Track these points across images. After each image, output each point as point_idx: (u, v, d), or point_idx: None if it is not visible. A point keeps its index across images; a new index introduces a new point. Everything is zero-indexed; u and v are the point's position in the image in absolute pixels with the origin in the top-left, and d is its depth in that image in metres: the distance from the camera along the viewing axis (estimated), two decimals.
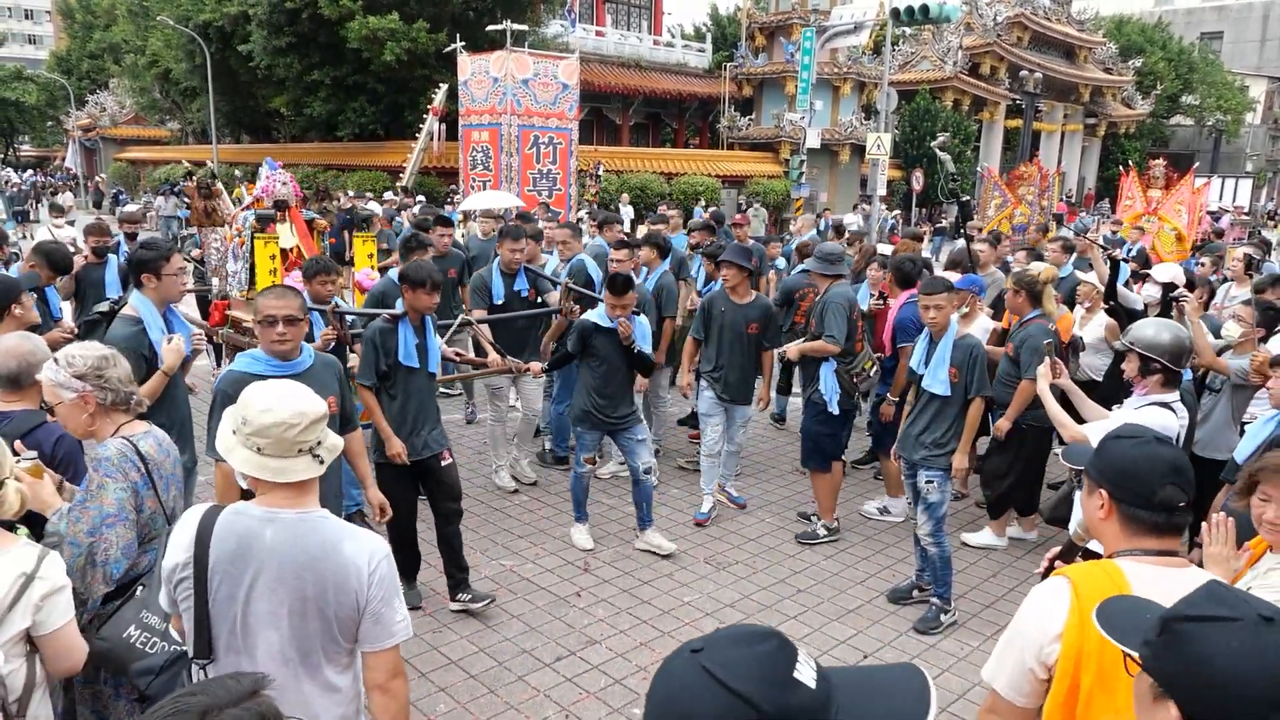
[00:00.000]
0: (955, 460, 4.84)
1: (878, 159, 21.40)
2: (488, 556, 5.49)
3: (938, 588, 4.87)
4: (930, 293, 4.86)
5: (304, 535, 2.08)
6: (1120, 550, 1.92)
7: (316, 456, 2.12)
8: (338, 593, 2.07)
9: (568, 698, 4.07)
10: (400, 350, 4.57)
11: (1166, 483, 1.87)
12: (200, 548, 2.06)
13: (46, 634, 2.19)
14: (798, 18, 27.76)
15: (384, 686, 2.17)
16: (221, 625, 2.09)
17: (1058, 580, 1.90)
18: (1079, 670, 1.77)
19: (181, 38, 26.92)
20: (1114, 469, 1.93)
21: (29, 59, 64.96)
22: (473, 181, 19.35)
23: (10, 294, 3.93)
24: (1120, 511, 1.91)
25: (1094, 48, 38.73)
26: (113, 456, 2.62)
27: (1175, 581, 1.80)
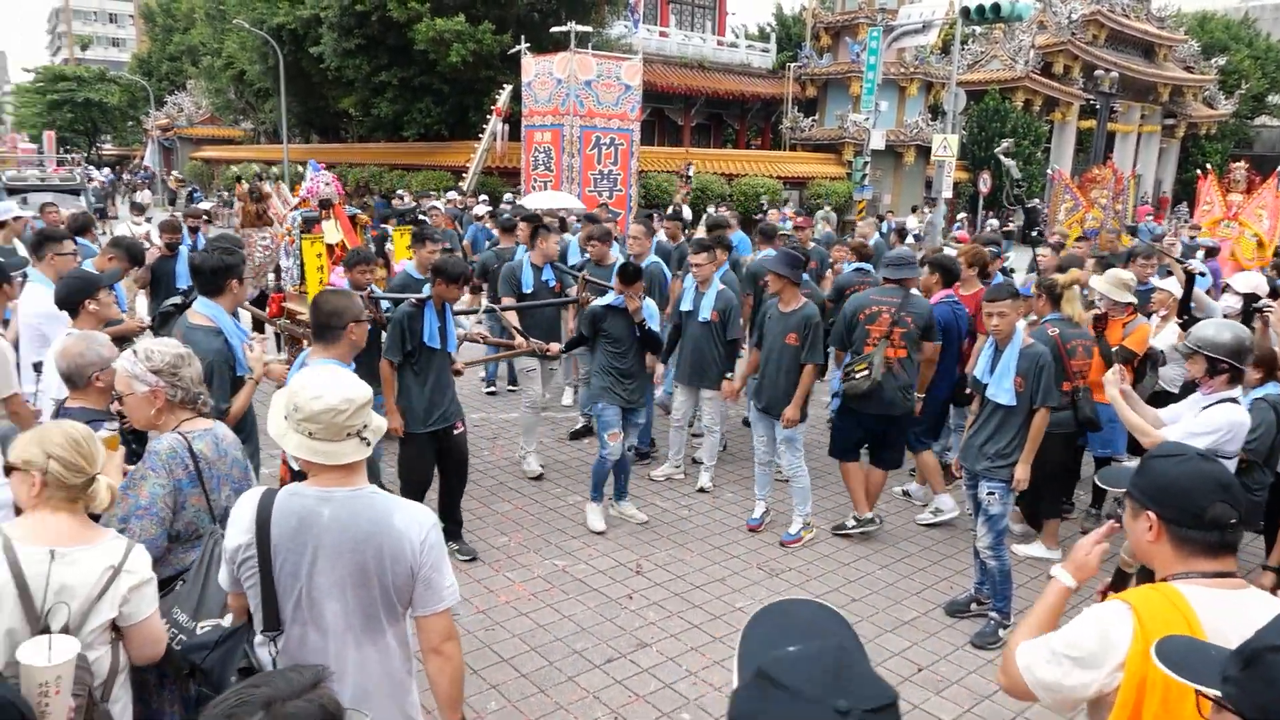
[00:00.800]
0: (1018, 471, 4.72)
1: (944, 161, 21.00)
2: (540, 556, 5.52)
3: (997, 601, 4.75)
4: (993, 299, 4.74)
5: (358, 511, 2.19)
6: (1175, 574, 1.85)
7: (364, 439, 2.22)
8: (394, 562, 2.19)
9: (617, 700, 4.07)
10: (425, 332, 5.12)
11: (1216, 500, 1.80)
12: (261, 528, 2.18)
13: (132, 625, 2.28)
14: (864, 17, 27.39)
15: (438, 649, 2.30)
16: (287, 599, 2.22)
17: (1118, 605, 1.82)
18: (1142, 700, 1.72)
19: (256, 40, 27.69)
20: (1160, 489, 1.86)
21: (112, 61, 67.67)
22: (534, 182, 19.51)
23: (86, 290, 4.02)
24: (1170, 533, 1.84)
25: (1175, 45, 37.39)
26: (161, 451, 2.69)
27: (1240, 604, 1.74)
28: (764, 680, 1.11)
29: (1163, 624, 1.71)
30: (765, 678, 1.11)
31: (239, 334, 4.18)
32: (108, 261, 6.03)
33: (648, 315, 5.80)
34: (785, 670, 1.10)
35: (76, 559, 2.19)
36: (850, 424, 5.90)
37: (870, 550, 5.78)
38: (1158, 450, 1.96)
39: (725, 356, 6.53)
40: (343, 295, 3.69)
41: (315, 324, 3.63)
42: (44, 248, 5.17)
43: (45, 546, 2.18)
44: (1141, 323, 5.85)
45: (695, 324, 6.51)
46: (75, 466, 2.23)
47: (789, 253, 5.87)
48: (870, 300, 5.78)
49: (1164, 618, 1.73)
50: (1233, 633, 1.69)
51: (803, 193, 27.09)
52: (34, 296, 4.78)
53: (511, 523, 6.01)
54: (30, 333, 4.65)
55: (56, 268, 5.05)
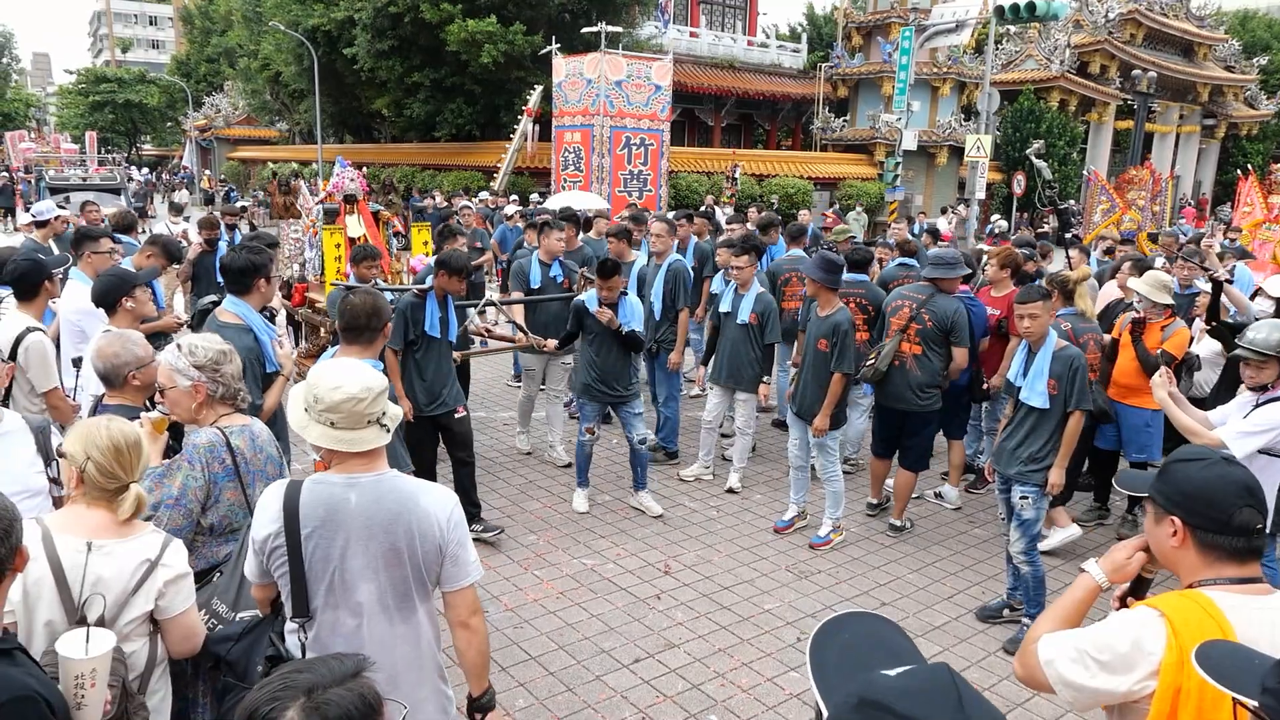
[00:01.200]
0: (1052, 475, 4.66)
1: (977, 161, 20.78)
2: (569, 555, 5.53)
3: (1030, 607, 4.69)
4: (1024, 301, 4.69)
5: (385, 494, 2.27)
6: (1203, 580, 1.82)
7: (383, 425, 2.30)
8: (423, 540, 2.28)
9: (645, 700, 4.07)
10: (426, 321, 5.37)
11: (1243, 505, 1.77)
12: (290, 518, 2.24)
13: (169, 618, 2.32)
14: (896, 16, 27.18)
15: (465, 622, 2.39)
16: (319, 585, 2.27)
17: (1150, 612, 1.79)
18: (1177, 708, 1.69)
19: (291, 42, 28.03)
20: (1185, 494, 1.83)
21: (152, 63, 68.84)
22: (564, 182, 19.58)
23: (124, 287, 4.07)
24: (1196, 539, 1.81)
25: (1215, 45, 36.71)
26: (200, 445, 2.73)
27: (1272, 611, 1.73)
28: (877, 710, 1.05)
29: (1197, 631, 1.68)
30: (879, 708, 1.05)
31: (268, 331, 4.24)
32: (146, 259, 6.14)
33: (629, 315, 5.95)
34: (902, 699, 1.05)
35: (113, 551, 2.23)
36: (880, 418, 6.18)
37: (901, 554, 5.74)
38: (1181, 454, 1.92)
39: (762, 359, 6.54)
40: (375, 295, 3.70)
41: (349, 325, 3.58)
42: (83, 245, 5.27)
43: (83, 538, 2.22)
44: (1180, 326, 5.75)
45: (733, 326, 6.52)
46: (109, 473, 2.26)
47: (826, 256, 5.76)
48: (898, 294, 6.00)
49: (1198, 625, 1.70)
50: (1265, 640, 1.67)
51: (834, 193, 26.93)
52: (73, 293, 4.88)
53: (541, 521, 6.04)
54: (69, 329, 4.75)
55: (95, 265, 5.14)
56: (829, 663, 1.23)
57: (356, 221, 7.59)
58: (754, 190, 24.24)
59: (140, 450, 2.33)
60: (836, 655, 1.24)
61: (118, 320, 4.04)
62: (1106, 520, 6.35)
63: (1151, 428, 5.96)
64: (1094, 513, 6.37)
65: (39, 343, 3.96)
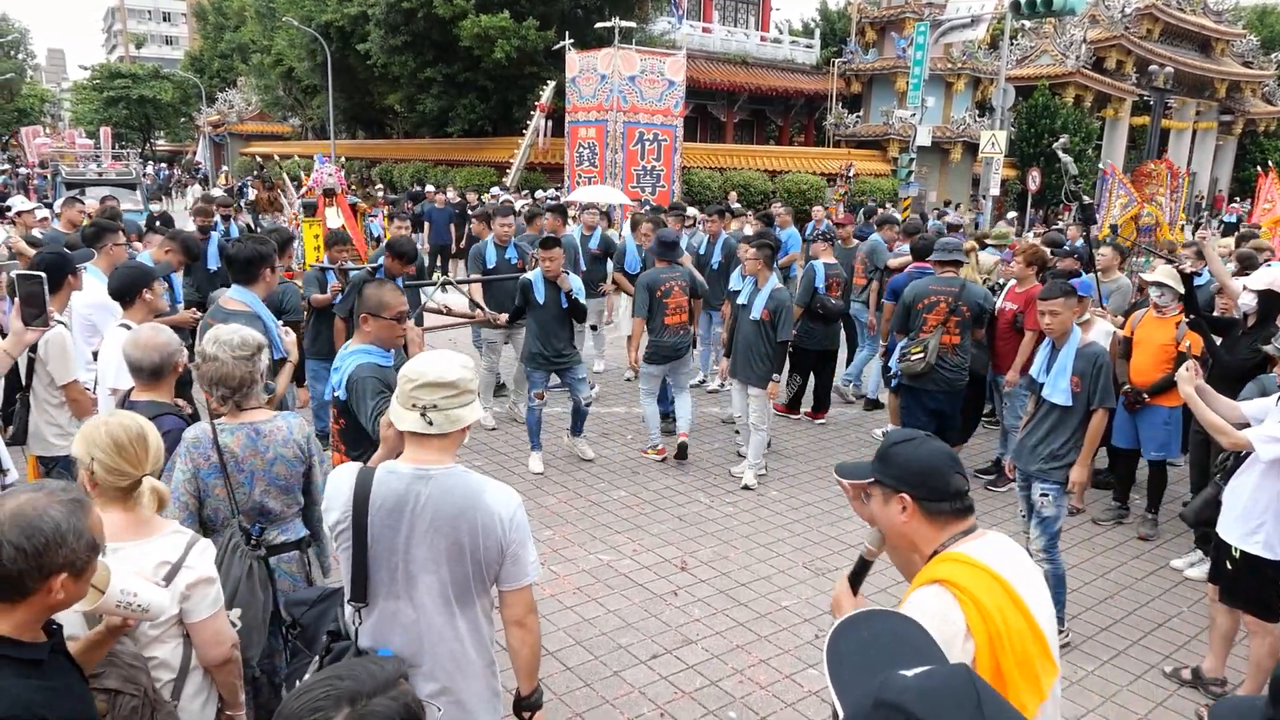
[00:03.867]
0: (1074, 473, 4.60)
1: (992, 158, 20.66)
2: (586, 551, 5.52)
3: None
4: (1046, 298, 4.65)
5: (453, 488, 2.29)
6: (942, 543, 1.95)
7: (426, 417, 2.27)
8: (485, 537, 2.28)
9: (663, 696, 4.06)
10: None
11: (954, 471, 1.95)
12: (359, 505, 2.27)
13: (193, 622, 2.26)
14: (911, 12, 27.05)
15: (521, 621, 2.39)
16: (381, 573, 2.31)
17: (930, 588, 1.86)
18: (998, 657, 1.79)
19: (304, 37, 28.11)
20: (911, 471, 1.96)
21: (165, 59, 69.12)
22: (578, 178, 19.56)
23: (143, 280, 4.05)
24: (924, 510, 1.95)
25: (1232, 40, 36.40)
26: (187, 439, 2.77)
27: (995, 549, 1.92)
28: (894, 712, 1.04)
29: (971, 581, 1.82)
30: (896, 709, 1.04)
31: (273, 321, 4.28)
32: (164, 254, 6.15)
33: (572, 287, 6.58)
34: (920, 701, 1.03)
35: (128, 555, 2.18)
36: (914, 405, 6.51)
37: None
38: (892, 438, 2.05)
39: (774, 356, 6.52)
40: (390, 287, 3.70)
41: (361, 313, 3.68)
42: (102, 239, 5.26)
43: None
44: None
45: (747, 320, 6.54)
46: (116, 470, 2.22)
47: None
48: (929, 290, 6.38)
49: (973, 577, 1.83)
50: (1012, 572, 1.87)
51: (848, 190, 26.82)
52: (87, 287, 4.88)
53: (557, 517, 6.03)
54: (81, 322, 4.71)
55: (111, 259, 5.14)
56: (846, 661, 1.22)
57: (336, 213, 8.09)
58: (766, 186, 24.16)
59: (146, 442, 2.27)
60: (855, 654, 1.23)
61: (133, 313, 4.01)
62: (1126, 519, 6.30)
63: (1170, 425, 5.91)
64: (1113, 512, 6.32)
65: (59, 335, 3.96)
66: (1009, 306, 6.71)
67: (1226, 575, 3.99)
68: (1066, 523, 5.15)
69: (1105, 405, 4.61)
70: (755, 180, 24.06)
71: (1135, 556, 5.75)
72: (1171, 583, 5.40)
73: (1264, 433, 3.71)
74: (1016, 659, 1.78)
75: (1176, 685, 4.29)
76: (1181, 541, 5.82)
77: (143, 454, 2.26)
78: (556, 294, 6.57)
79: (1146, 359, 5.91)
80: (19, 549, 1.63)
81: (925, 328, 6.27)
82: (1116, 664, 4.48)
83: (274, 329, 4.22)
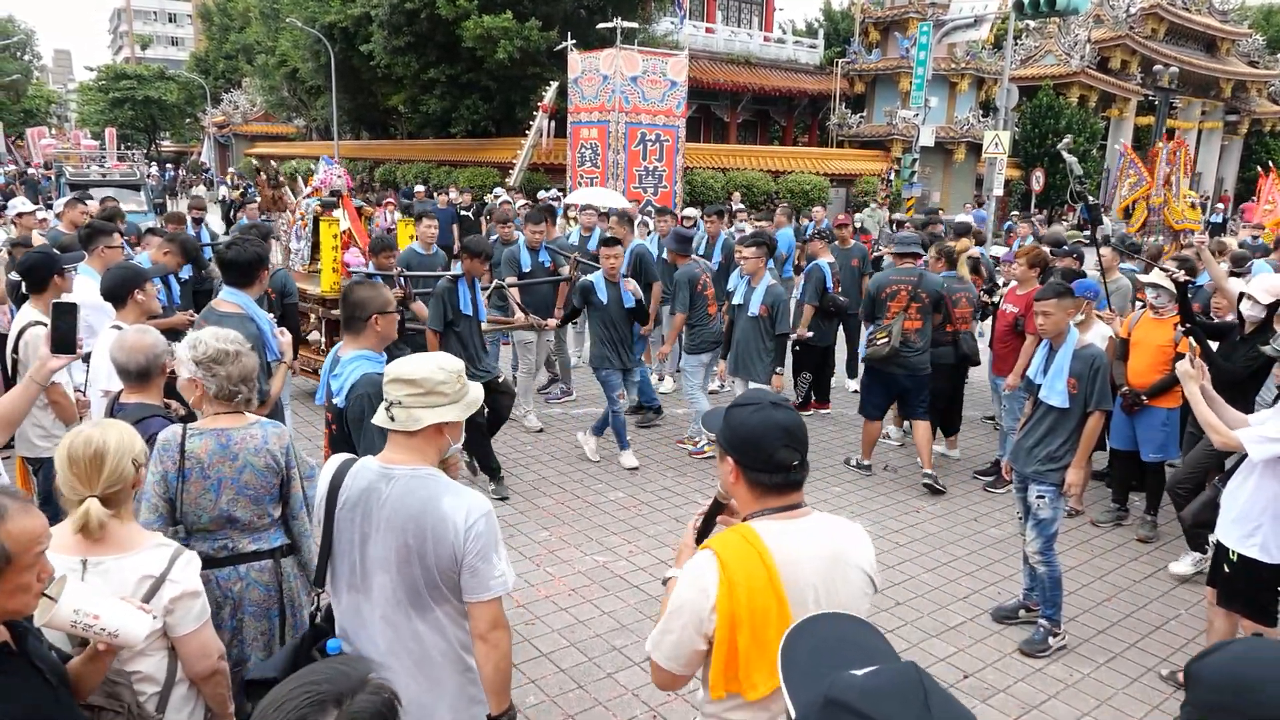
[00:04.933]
0: (1070, 475, 4.57)
1: (995, 158, 20.59)
2: (582, 552, 5.52)
3: (1046, 609, 4.63)
4: (1040, 299, 4.64)
5: (412, 490, 2.27)
6: (753, 512, 2.01)
7: (389, 411, 2.30)
8: (435, 544, 2.23)
9: (656, 698, 4.04)
10: (461, 302, 6.11)
11: (781, 445, 1.95)
12: (331, 493, 2.33)
13: (179, 636, 2.24)
14: (914, 12, 27.00)
15: (484, 636, 2.32)
16: (343, 564, 2.34)
17: (705, 554, 1.96)
18: (735, 634, 1.87)
19: (308, 38, 28.13)
20: (739, 437, 2.00)
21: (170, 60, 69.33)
22: (580, 178, 19.56)
23: (133, 281, 4.04)
24: (746, 477, 2.00)
25: (1238, 39, 36.28)
26: (160, 441, 2.73)
27: (804, 530, 1.98)
28: (841, 710, 1.05)
29: (740, 559, 1.89)
30: (843, 708, 1.05)
31: (266, 321, 4.27)
32: (163, 256, 6.15)
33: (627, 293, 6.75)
34: (866, 699, 1.05)
35: (109, 568, 2.16)
36: (878, 386, 6.88)
37: (917, 554, 5.69)
38: (738, 400, 2.08)
39: (774, 350, 6.67)
40: (369, 286, 3.66)
41: (344, 314, 3.66)
42: (95, 240, 5.26)
43: (77, 556, 2.15)
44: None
45: (744, 318, 6.71)
46: (67, 484, 2.19)
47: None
48: (890, 280, 6.80)
49: (741, 554, 1.90)
50: (797, 558, 1.93)
51: (850, 190, 26.80)
52: (80, 288, 4.88)
53: (553, 517, 6.02)
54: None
55: (105, 260, 5.14)
56: (799, 663, 1.23)
57: (341, 215, 8.05)
58: (769, 186, 24.14)
59: (102, 462, 2.18)
60: (807, 656, 1.24)
61: (125, 315, 4.00)
62: (1125, 521, 6.27)
63: (1168, 426, 5.88)
64: (1112, 514, 6.29)
65: (37, 336, 3.96)
66: (1009, 309, 6.69)
67: (1224, 578, 3.97)
68: (1065, 524, 5.13)
69: (1102, 408, 4.58)
70: (758, 181, 24.02)
71: (1134, 559, 5.72)
72: (1169, 585, 5.37)
73: (1256, 433, 3.68)
74: (755, 639, 1.86)
75: (1173, 688, 4.26)
76: (1181, 543, 5.78)
77: (94, 474, 2.18)
78: (618, 294, 6.76)
79: (1144, 361, 5.88)
80: None
81: (888, 315, 6.69)
82: (1113, 666, 4.45)
83: (268, 331, 4.22)
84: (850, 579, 1.98)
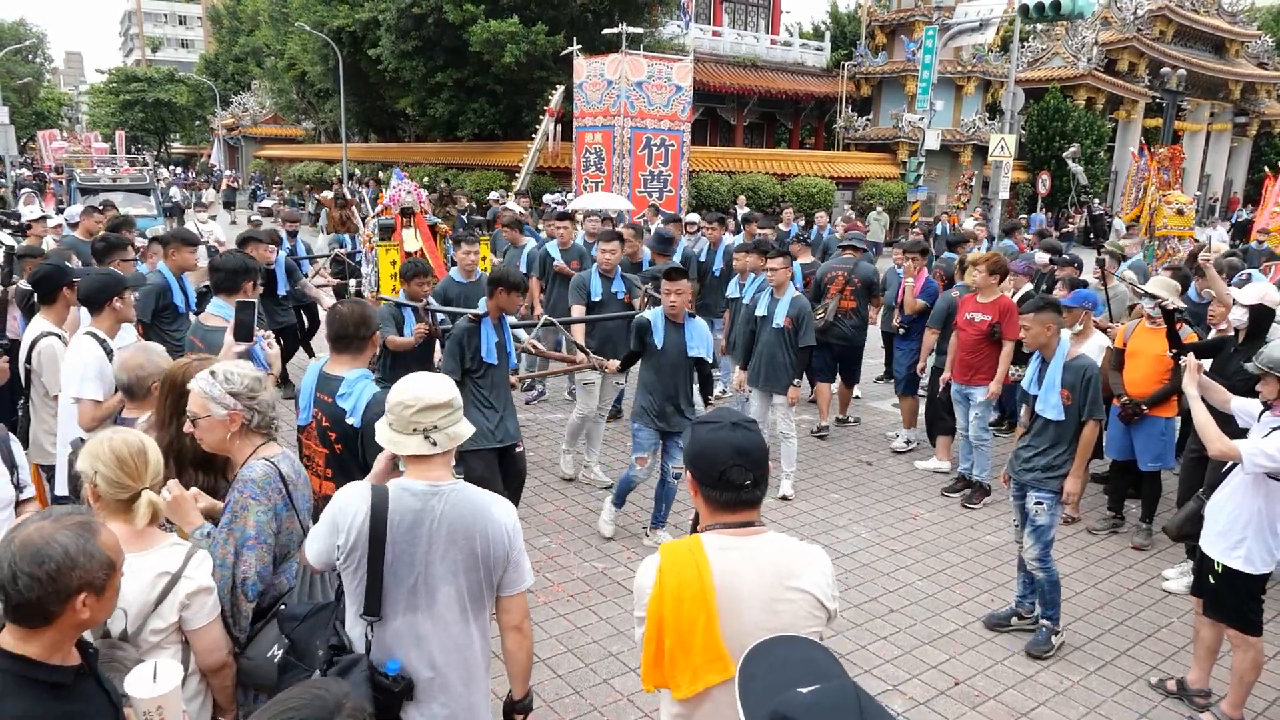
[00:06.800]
0: (1068, 484, 4.66)
1: (1001, 161, 20.61)
2: (580, 558, 5.59)
3: (1046, 610, 4.73)
4: (1023, 313, 4.76)
5: (464, 502, 2.42)
6: (706, 526, 2.09)
7: (429, 438, 2.38)
8: (495, 546, 2.43)
9: (651, 704, 4.11)
10: (483, 348, 5.01)
11: (732, 464, 2.01)
12: (377, 522, 2.34)
13: (192, 630, 2.35)
14: (920, 15, 27.02)
15: (519, 626, 2.54)
16: (399, 588, 2.38)
17: (652, 557, 2.10)
18: (662, 635, 1.99)
19: (317, 42, 28.30)
20: (693, 452, 2.08)
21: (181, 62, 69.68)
22: (585, 182, 19.64)
23: (113, 289, 4.05)
24: (701, 492, 2.08)
25: (1247, 41, 36.15)
26: (258, 479, 2.64)
27: (752, 548, 2.03)
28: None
29: (677, 568, 1.99)
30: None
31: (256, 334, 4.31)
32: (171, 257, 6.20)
33: (697, 339, 5.54)
34: (807, 713, 1.15)
35: (130, 565, 2.20)
36: (822, 353, 7.81)
37: (911, 560, 5.74)
38: (702, 417, 2.16)
39: (796, 363, 6.60)
40: (368, 306, 3.72)
41: (339, 333, 3.53)
42: (110, 255, 5.33)
43: None
44: (1188, 332, 5.69)
45: (769, 330, 6.61)
46: (117, 483, 2.29)
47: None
48: (831, 267, 8.19)
49: (680, 562, 2.00)
50: (737, 571, 1.99)
51: (856, 193, 26.82)
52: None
53: (553, 524, 6.09)
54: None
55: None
56: (755, 681, 1.32)
57: (414, 235, 7.37)
58: (775, 189, 24.18)
59: (146, 456, 2.34)
60: (763, 674, 1.34)
61: (101, 321, 4.01)
62: (1121, 529, 6.31)
63: (1166, 436, 5.93)
64: (1108, 522, 6.33)
65: (50, 347, 4.05)
66: (978, 317, 6.61)
67: (1209, 590, 4.02)
68: (1061, 531, 5.18)
69: (1094, 417, 4.64)
70: (764, 184, 24.08)
71: (1128, 566, 5.76)
72: (1162, 594, 5.41)
73: (1256, 446, 3.72)
74: (680, 643, 1.97)
75: (1161, 696, 4.31)
76: (1176, 552, 5.83)
77: (142, 468, 2.33)
78: (680, 338, 5.51)
79: (1142, 371, 5.91)
80: (32, 577, 1.72)
81: (827, 296, 7.91)
82: (1103, 674, 4.51)
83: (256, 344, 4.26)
84: (794, 600, 2.01)
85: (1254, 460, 3.71)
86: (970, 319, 6.66)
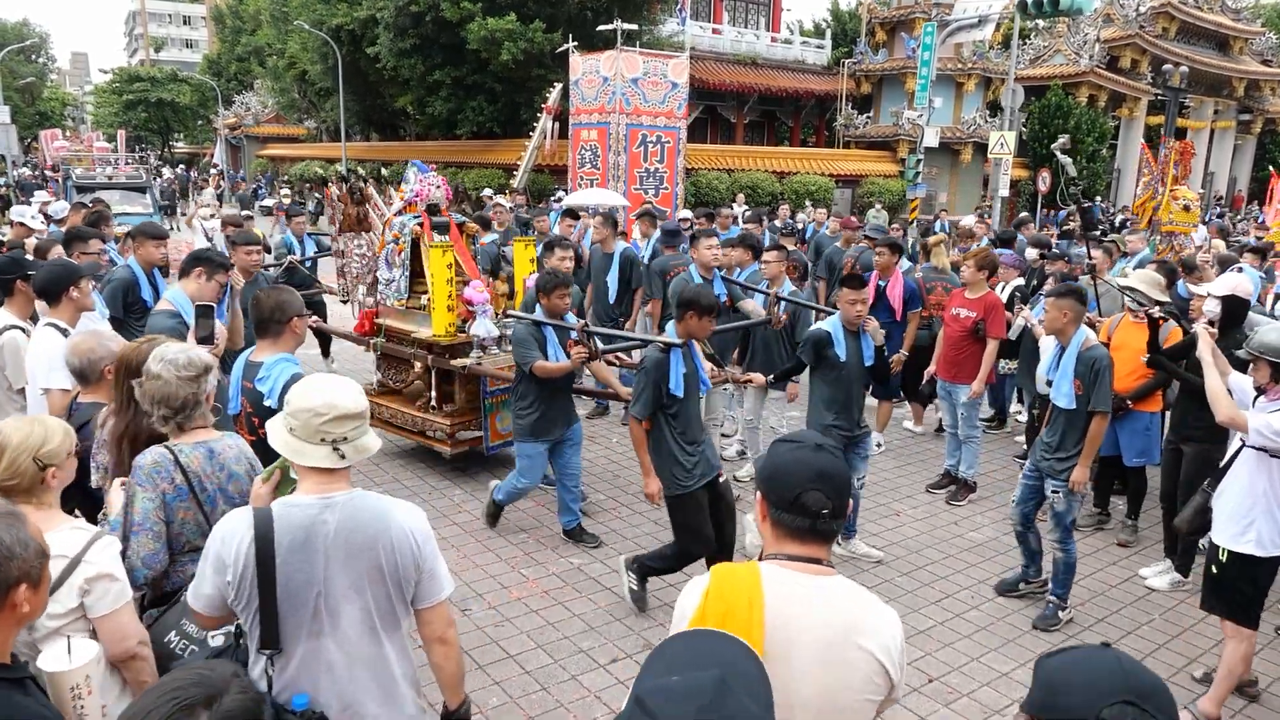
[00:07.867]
0: (1075, 474, 4.76)
1: (1000, 159, 20.52)
2: (558, 554, 5.54)
3: (1056, 588, 4.88)
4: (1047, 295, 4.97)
5: (361, 511, 2.22)
6: (769, 553, 1.89)
7: (338, 450, 2.20)
8: (401, 555, 2.23)
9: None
10: (672, 381, 4.47)
11: (810, 488, 1.81)
12: (263, 545, 2.12)
13: (97, 617, 2.29)
14: (920, 12, 26.90)
15: (442, 637, 2.36)
16: (298, 614, 2.16)
17: (702, 578, 1.91)
18: None
19: (316, 41, 28.32)
20: (767, 471, 1.90)
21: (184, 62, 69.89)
22: (580, 179, 19.60)
23: (68, 279, 4.08)
24: (770, 515, 1.88)
25: (1251, 38, 35.94)
26: (145, 465, 2.62)
27: (815, 590, 1.81)
28: (639, 707, 1.16)
29: (729, 595, 1.79)
30: (640, 705, 1.17)
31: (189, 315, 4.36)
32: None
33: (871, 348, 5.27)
34: (659, 700, 1.16)
35: None
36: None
37: (891, 557, 5.69)
38: (784, 435, 1.99)
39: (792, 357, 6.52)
40: (284, 291, 3.71)
41: (258, 320, 3.63)
42: (71, 246, 5.34)
43: None
44: (1173, 327, 5.64)
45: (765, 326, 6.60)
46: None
47: None
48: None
49: (731, 590, 1.80)
50: (795, 613, 1.78)
51: (855, 191, 26.74)
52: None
53: (533, 520, 6.05)
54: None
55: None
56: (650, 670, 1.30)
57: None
58: (774, 187, 24.11)
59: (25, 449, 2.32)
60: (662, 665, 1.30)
61: (59, 311, 4.03)
62: (1106, 525, 6.25)
63: (1150, 431, 5.87)
64: (1093, 518, 6.27)
65: (12, 340, 4.04)
66: (966, 313, 6.58)
67: (1210, 580, 4.02)
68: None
69: (1098, 409, 4.66)
70: (764, 182, 24.00)
71: (1112, 563, 5.71)
72: (1144, 591, 5.35)
73: (1263, 420, 3.71)
74: None
75: None
76: (1159, 550, 5.76)
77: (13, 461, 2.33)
78: (859, 348, 5.26)
79: (1126, 365, 5.84)
80: None
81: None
82: None
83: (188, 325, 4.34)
84: (854, 662, 1.78)
85: (1259, 431, 3.74)
86: (956, 314, 6.64)
